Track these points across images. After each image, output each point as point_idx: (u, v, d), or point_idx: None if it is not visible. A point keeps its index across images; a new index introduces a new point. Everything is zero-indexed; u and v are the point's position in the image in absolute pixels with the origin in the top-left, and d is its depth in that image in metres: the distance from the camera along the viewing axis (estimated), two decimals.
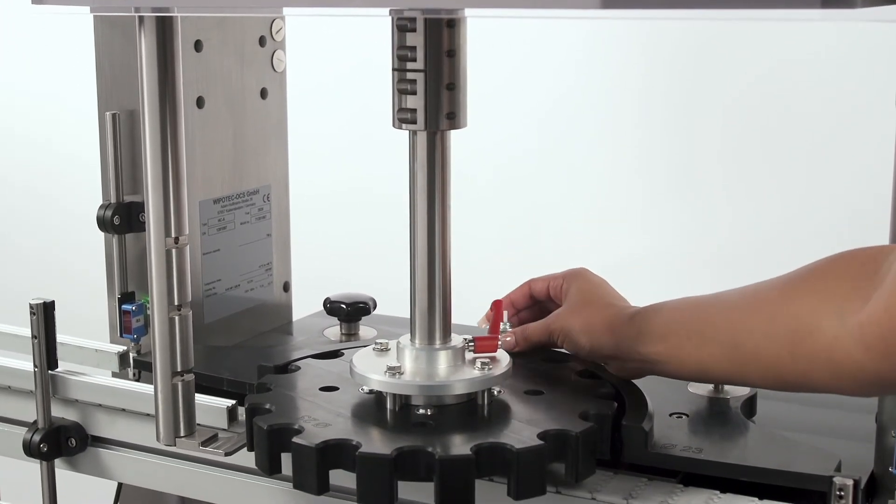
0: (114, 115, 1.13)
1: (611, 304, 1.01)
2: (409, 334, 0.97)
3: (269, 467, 0.91)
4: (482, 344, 0.96)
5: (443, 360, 0.95)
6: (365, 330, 1.22)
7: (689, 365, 0.93)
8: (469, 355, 0.96)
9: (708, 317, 0.92)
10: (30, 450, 1.08)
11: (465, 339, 0.97)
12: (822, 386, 0.86)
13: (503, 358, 0.96)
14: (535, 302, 1.08)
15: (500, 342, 0.99)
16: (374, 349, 0.98)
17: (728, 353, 0.90)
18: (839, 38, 1.57)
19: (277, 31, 1.27)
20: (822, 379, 0.84)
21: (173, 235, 0.93)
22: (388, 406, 0.94)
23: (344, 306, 1.21)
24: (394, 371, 0.93)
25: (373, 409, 0.94)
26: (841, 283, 0.83)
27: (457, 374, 0.94)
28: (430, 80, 0.91)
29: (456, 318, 0.98)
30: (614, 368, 1.00)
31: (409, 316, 0.97)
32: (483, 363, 0.94)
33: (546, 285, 1.06)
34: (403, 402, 0.94)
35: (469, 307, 1.14)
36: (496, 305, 1.02)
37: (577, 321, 1.00)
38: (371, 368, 0.94)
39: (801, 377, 0.85)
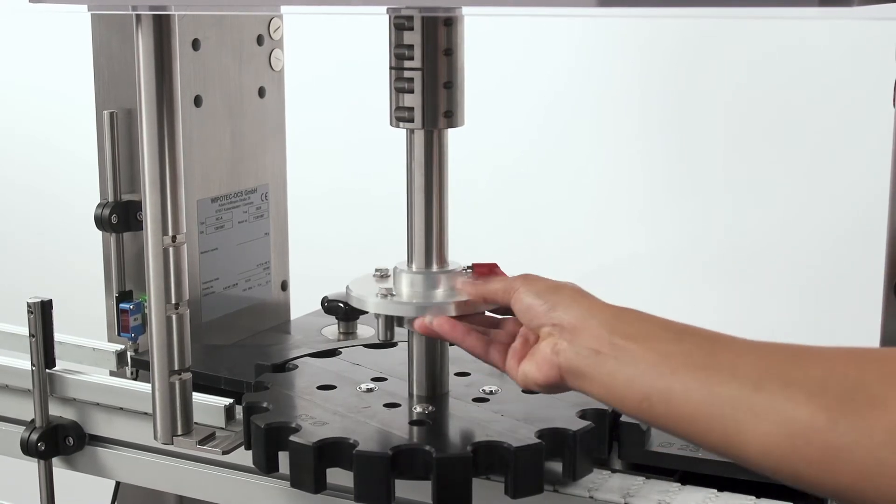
0: (111, 114, 1.13)
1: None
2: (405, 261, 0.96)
3: (267, 466, 0.91)
4: (481, 269, 0.95)
5: (441, 284, 0.94)
6: (363, 329, 1.22)
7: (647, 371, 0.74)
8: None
9: (732, 347, 0.74)
10: (27, 449, 1.08)
11: (464, 267, 0.96)
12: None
13: None
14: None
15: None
16: (373, 275, 0.98)
17: (733, 393, 0.70)
18: (840, 37, 1.57)
19: (275, 30, 1.27)
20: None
21: (171, 234, 0.93)
22: (381, 327, 0.93)
23: (342, 305, 1.21)
24: (388, 292, 0.93)
25: (370, 407, 0.94)
26: None
27: (454, 297, 0.93)
28: (428, 79, 0.91)
29: None
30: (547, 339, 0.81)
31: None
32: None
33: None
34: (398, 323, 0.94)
35: None
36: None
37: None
38: (368, 292, 0.94)
39: (831, 455, 0.66)
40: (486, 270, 0.95)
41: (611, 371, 0.76)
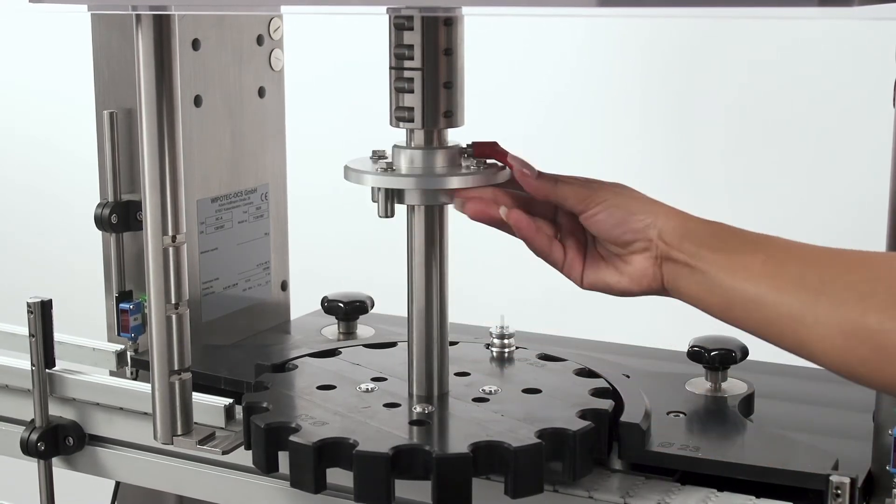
0: (111, 114, 1.13)
1: None
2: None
3: (267, 466, 0.91)
4: (481, 148, 0.94)
5: (436, 159, 0.93)
6: (363, 329, 1.22)
7: (730, 282, 0.81)
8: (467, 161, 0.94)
9: (800, 256, 0.81)
10: (27, 448, 1.08)
11: (465, 145, 0.95)
12: None
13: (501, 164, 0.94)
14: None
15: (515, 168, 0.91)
16: (370, 157, 0.96)
17: (800, 298, 0.78)
18: (840, 37, 1.57)
19: (275, 30, 1.27)
20: None
21: (170, 234, 0.93)
22: (380, 200, 0.92)
23: (342, 305, 1.21)
24: (384, 168, 0.91)
25: (370, 407, 0.94)
26: None
27: (452, 171, 0.92)
28: (428, 79, 0.91)
29: (457, 318, 0.98)
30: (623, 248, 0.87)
31: (406, 312, 0.97)
32: (479, 163, 0.93)
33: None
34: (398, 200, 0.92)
35: (469, 306, 1.14)
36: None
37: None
38: (366, 168, 0.93)
39: (880, 355, 0.74)
40: (488, 150, 0.93)
41: (699, 281, 0.83)
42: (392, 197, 0.92)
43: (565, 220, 0.91)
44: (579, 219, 0.89)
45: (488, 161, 0.93)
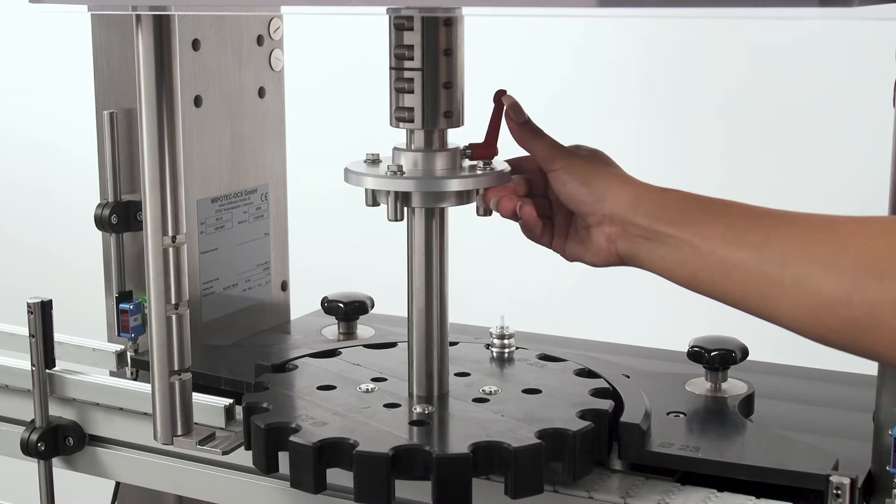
0: (111, 114, 1.13)
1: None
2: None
3: (267, 466, 0.91)
4: (479, 151, 0.95)
5: (440, 162, 0.94)
6: (362, 329, 1.22)
7: (695, 261, 0.81)
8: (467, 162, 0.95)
9: (761, 224, 0.80)
10: (27, 449, 1.08)
11: (463, 147, 0.95)
12: (881, 346, 0.74)
13: (502, 165, 0.95)
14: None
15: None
16: (364, 161, 0.97)
17: (765, 269, 0.77)
18: (840, 37, 1.57)
19: (275, 30, 1.27)
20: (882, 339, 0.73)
21: (170, 234, 0.93)
22: (389, 204, 0.93)
23: (342, 305, 1.21)
24: (394, 172, 0.92)
25: (370, 407, 0.94)
26: None
27: (454, 173, 0.93)
28: (428, 79, 0.91)
29: (457, 317, 0.98)
30: (595, 224, 0.88)
31: (406, 312, 0.97)
32: (483, 164, 0.94)
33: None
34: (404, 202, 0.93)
35: (469, 306, 1.14)
36: (497, 98, 0.95)
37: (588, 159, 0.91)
38: (373, 171, 0.93)
39: (850, 325, 0.74)
40: (485, 151, 0.95)
41: (662, 255, 0.84)
42: (401, 200, 0.93)
43: (555, 196, 0.93)
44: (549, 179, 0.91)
45: (493, 162, 0.94)
